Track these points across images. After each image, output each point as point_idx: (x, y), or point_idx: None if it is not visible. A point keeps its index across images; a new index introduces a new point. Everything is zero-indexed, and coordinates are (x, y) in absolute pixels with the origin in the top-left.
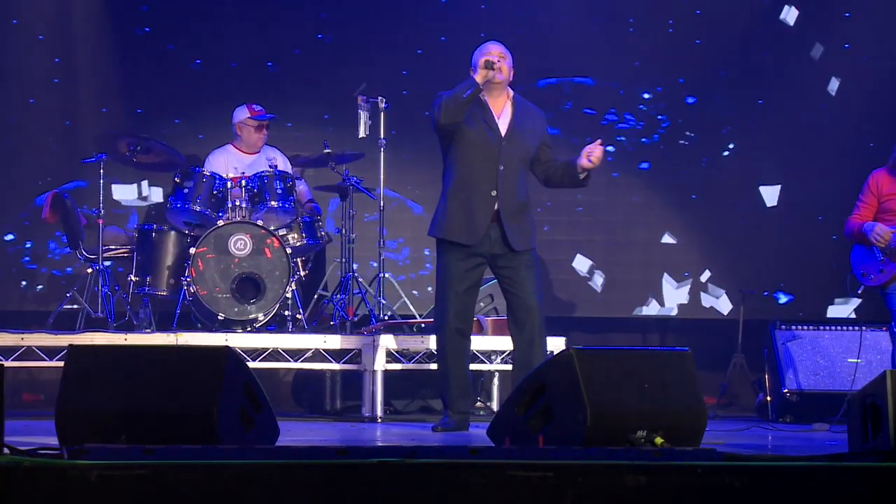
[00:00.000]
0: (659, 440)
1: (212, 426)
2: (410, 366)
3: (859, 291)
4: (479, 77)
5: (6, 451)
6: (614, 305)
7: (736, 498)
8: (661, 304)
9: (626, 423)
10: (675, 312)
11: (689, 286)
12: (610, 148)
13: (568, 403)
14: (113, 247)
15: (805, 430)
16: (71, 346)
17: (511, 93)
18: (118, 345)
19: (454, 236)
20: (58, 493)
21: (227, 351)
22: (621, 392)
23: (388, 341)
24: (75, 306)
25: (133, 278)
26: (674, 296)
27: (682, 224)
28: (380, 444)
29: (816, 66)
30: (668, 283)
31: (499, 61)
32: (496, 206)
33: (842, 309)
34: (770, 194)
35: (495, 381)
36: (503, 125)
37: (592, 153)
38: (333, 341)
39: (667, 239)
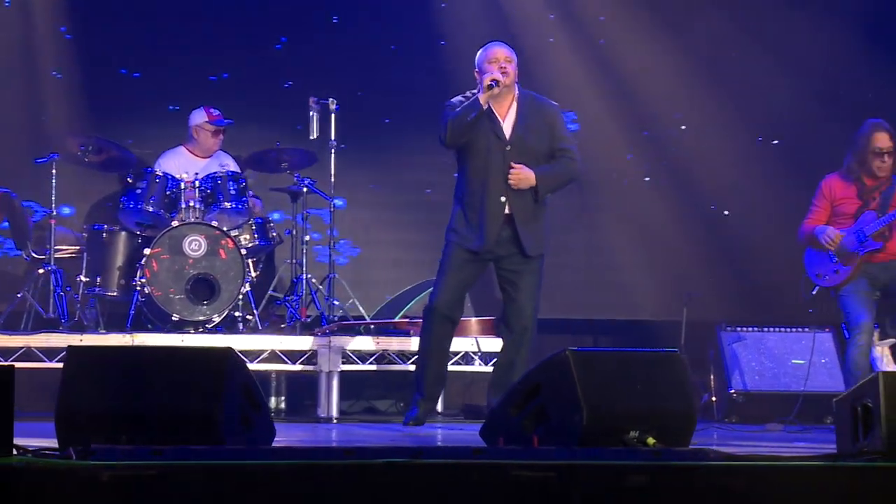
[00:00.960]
0: (651, 441)
1: (215, 427)
2: (366, 367)
3: (814, 293)
4: (482, 99)
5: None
6: (553, 307)
7: (735, 497)
8: (600, 305)
9: (620, 424)
10: (613, 314)
11: (629, 288)
12: None
13: (563, 404)
14: (61, 247)
15: (759, 431)
16: (70, 346)
17: (517, 93)
18: (118, 346)
19: (466, 243)
20: (69, 494)
21: (228, 352)
22: (616, 393)
23: (343, 342)
24: None
25: (83, 279)
26: (612, 297)
27: (625, 226)
28: (382, 445)
29: (763, 77)
30: (607, 285)
31: (503, 73)
32: (507, 211)
33: None
34: None
35: None
36: (508, 129)
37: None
38: (289, 342)
39: (609, 241)
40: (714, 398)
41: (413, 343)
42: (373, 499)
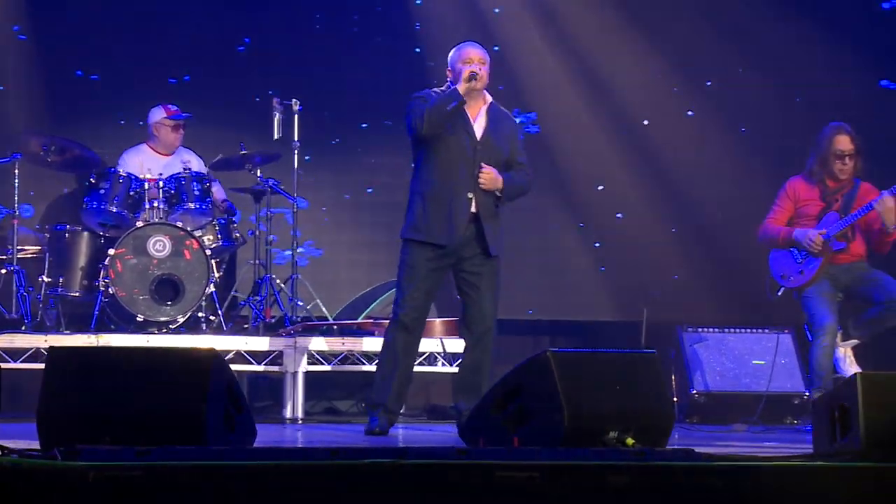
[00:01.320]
0: (630, 441)
1: (200, 428)
2: (331, 368)
3: (779, 293)
4: (461, 89)
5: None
6: (512, 307)
7: (717, 497)
8: (560, 306)
9: (601, 425)
10: (574, 315)
11: (590, 289)
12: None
13: (545, 405)
14: (22, 247)
15: (724, 431)
16: (52, 348)
17: (488, 98)
18: (100, 347)
19: (432, 238)
20: (55, 494)
21: (213, 353)
22: (596, 394)
23: (309, 343)
24: None
25: (45, 279)
26: (573, 298)
27: (586, 227)
28: (366, 446)
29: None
30: (567, 285)
31: (479, 70)
32: (473, 209)
33: None
34: None
35: None
36: (479, 129)
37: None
38: (255, 343)
39: (570, 242)
40: (676, 399)
41: (378, 343)
42: (359, 499)
